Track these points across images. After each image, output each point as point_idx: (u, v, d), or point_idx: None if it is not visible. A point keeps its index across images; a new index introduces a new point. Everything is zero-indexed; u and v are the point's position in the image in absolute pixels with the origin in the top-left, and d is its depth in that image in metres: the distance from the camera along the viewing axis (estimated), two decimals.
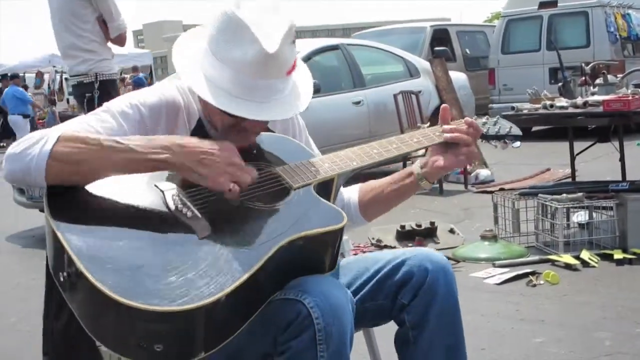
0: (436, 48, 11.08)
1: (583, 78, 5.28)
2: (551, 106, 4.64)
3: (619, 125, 4.83)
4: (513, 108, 4.81)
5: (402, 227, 4.64)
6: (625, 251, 4.08)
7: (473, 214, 5.69)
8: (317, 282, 1.47)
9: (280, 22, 1.52)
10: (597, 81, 5.05)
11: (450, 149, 1.76)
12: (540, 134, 10.45)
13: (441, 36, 12.74)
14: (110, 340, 1.34)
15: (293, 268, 1.48)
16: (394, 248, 4.39)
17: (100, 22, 5.16)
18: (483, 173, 7.10)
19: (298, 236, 1.45)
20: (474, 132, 1.77)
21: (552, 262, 4.07)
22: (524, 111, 4.76)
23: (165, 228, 1.42)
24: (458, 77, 8.69)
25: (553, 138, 8.47)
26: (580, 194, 4.31)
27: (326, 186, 1.65)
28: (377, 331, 1.91)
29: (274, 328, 1.47)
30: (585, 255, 4.02)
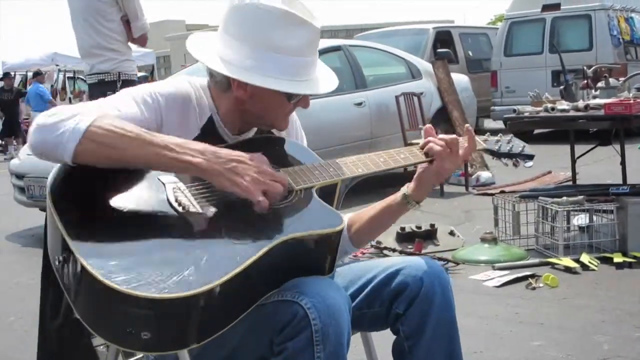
0: (439, 50, 11.09)
1: (585, 81, 5.28)
2: (552, 109, 4.63)
3: (620, 128, 4.83)
4: (515, 111, 4.80)
5: (402, 229, 4.64)
6: (625, 255, 4.07)
7: (473, 216, 5.69)
8: (314, 284, 1.47)
9: (298, 2, 1.61)
10: (599, 84, 5.04)
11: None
12: (541, 137, 10.44)
13: (444, 38, 12.75)
14: (101, 326, 1.35)
15: (289, 268, 1.49)
16: (394, 250, 4.39)
17: (123, 22, 5.21)
18: (484, 175, 7.11)
19: (294, 236, 1.45)
20: (445, 146, 1.70)
21: (552, 265, 4.07)
22: (525, 114, 4.75)
23: (164, 220, 1.44)
24: (460, 79, 8.67)
25: (554, 141, 8.44)
26: (580, 197, 4.30)
27: (329, 191, 1.66)
28: (375, 334, 1.90)
29: (270, 330, 1.46)
30: (585, 258, 4.02)
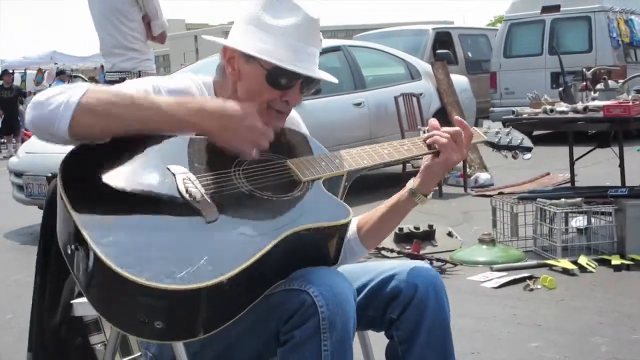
0: (438, 51, 11.10)
1: (584, 83, 5.28)
2: (551, 111, 4.64)
3: (619, 130, 4.83)
4: (514, 112, 4.81)
5: (400, 230, 4.64)
6: (623, 257, 4.08)
7: (472, 218, 5.69)
8: (322, 273, 1.50)
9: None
10: (598, 86, 5.04)
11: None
12: (540, 138, 10.42)
13: (443, 39, 12.74)
14: (112, 314, 1.37)
15: (297, 259, 1.51)
16: (392, 250, 4.40)
17: (144, 22, 5.28)
18: (482, 177, 7.11)
19: (302, 228, 1.47)
20: (450, 139, 1.73)
21: (550, 267, 4.07)
22: (524, 115, 4.76)
23: (174, 210, 1.44)
24: (459, 80, 8.67)
25: (553, 142, 8.45)
26: (579, 199, 4.31)
27: (336, 182, 1.67)
28: (372, 334, 1.90)
29: (276, 319, 1.48)
30: (583, 260, 4.02)
